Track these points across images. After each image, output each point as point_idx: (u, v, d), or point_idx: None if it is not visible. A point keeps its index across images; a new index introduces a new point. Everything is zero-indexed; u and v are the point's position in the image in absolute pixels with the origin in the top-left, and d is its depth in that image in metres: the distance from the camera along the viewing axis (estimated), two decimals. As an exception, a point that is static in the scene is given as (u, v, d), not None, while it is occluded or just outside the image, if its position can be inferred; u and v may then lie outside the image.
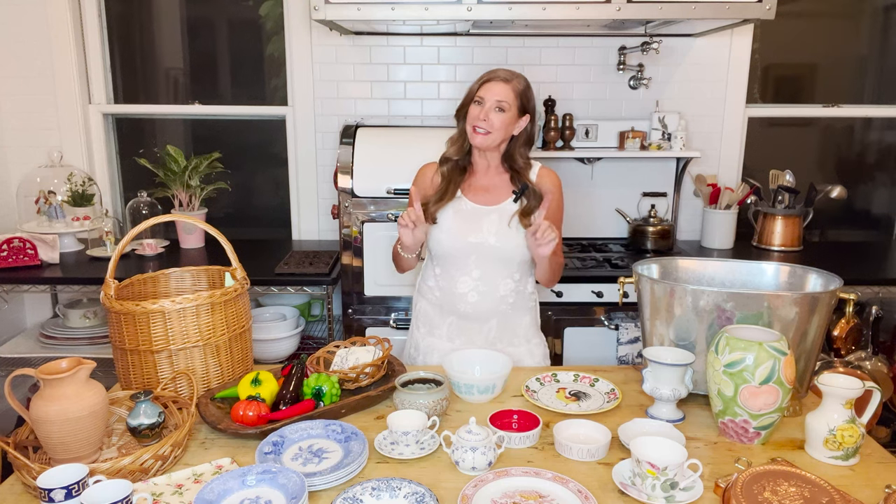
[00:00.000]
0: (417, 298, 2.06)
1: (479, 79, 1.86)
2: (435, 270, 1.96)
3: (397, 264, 2.01)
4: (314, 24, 2.97)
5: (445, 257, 1.91)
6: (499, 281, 1.90)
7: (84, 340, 2.77)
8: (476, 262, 1.88)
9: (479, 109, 1.83)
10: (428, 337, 2.00)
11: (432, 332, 2.00)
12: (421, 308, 2.04)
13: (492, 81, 1.83)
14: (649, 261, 1.76)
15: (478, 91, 1.84)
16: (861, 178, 3.43)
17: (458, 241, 1.87)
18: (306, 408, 1.46)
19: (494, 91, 1.82)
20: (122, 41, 3.25)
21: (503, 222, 1.87)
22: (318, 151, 3.20)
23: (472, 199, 1.91)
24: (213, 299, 1.57)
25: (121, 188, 3.36)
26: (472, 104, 1.85)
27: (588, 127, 3.07)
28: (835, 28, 3.27)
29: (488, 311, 1.91)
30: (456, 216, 1.89)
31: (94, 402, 1.29)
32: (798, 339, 1.49)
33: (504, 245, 1.87)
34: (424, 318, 2.02)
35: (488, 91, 1.82)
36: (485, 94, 1.82)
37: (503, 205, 1.90)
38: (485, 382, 1.58)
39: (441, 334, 1.98)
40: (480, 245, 1.87)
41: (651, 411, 1.53)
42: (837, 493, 1.13)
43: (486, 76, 1.85)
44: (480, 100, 1.83)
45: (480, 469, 1.28)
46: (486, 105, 1.82)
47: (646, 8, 2.42)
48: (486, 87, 1.83)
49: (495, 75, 1.84)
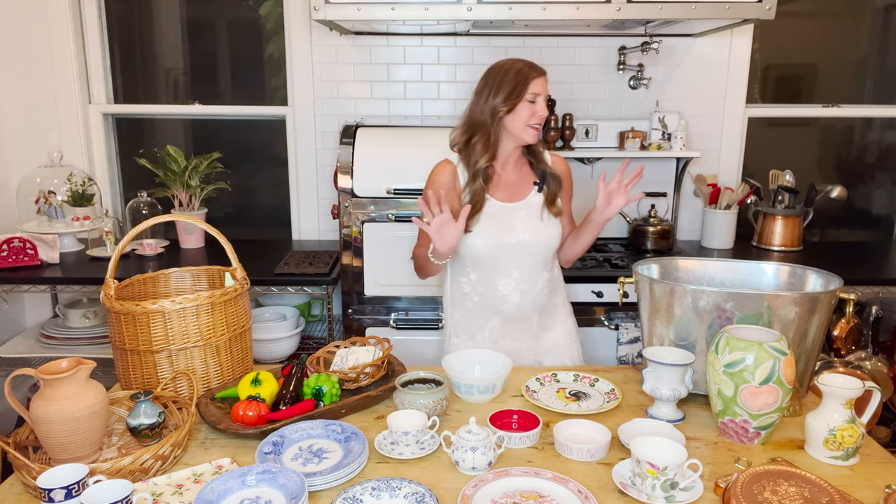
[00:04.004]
0: (451, 308, 2.01)
1: (520, 76, 1.79)
2: (469, 276, 1.93)
3: (423, 271, 1.94)
4: (314, 24, 2.97)
5: (482, 261, 1.89)
6: (536, 276, 1.90)
7: (84, 340, 2.77)
8: (515, 262, 1.88)
9: (531, 107, 1.80)
10: (469, 343, 1.97)
11: (474, 339, 1.97)
12: (458, 317, 1.99)
13: (539, 77, 1.81)
14: (649, 261, 1.76)
15: (528, 89, 1.79)
16: (861, 178, 3.43)
17: (496, 244, 1.85)
18: (306, 408, 1.46)
19: (542, 85, 1.81)
20: (122, 41, 3.25)
21: (533, 217, 1.87)
22: (318, 151, 3.20)
23: (498, 197, 1.88)
24: (213, 299, 1.57)
25: (121, 188, 3.36)
26: (524, 103, 1.79)
27: (588, 127, 3.07)
28: (835, 28, 3.27)
29: (531, 307, 1.92)
30: (487, 219, 1.86)
31: (94, 402, 1.29)
32: (798, 339, 1.49)
33: (540, 240, 1.87)
34: (463, 326, 1.99)
35: (538, 86, 1.80)
36: (538, 90, 1.80)
37: (528, 198, 1.89)
38: (485, 382, 1.58)
39: (484, 339, 1.96)
40: (517, 245, 1.86)
41: (651, 411, 1.53)
42: (837, 493, 1.13)
43: (530, 71, 1.80)
44: (533, 97, 1.80)
45: (480, 469, 1.28)
46: (539, 101, 1.80)
47: (646, 8, 2.42)
48: (536, 83, 1.79)
49: (536, 70, 1.81)
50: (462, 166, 1.90)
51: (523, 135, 1.83)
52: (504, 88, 1.80)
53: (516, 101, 1.79)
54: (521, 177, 1.92)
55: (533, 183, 1.90)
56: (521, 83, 1.79)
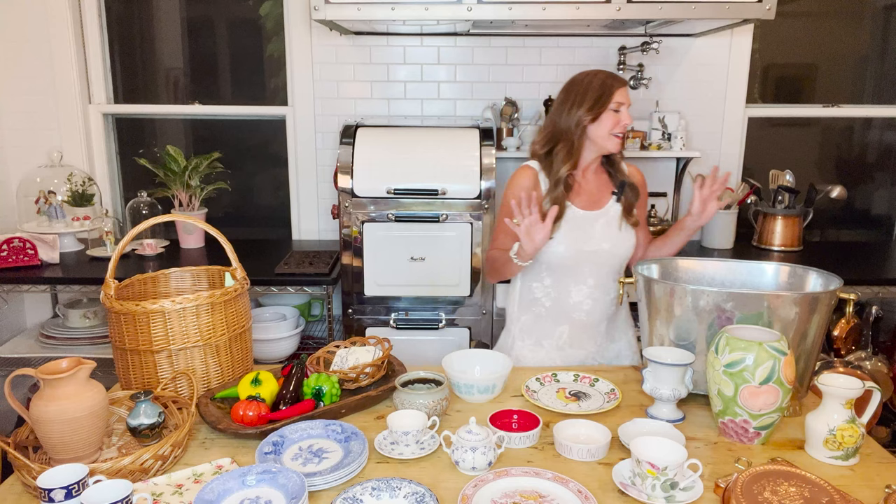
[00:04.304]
0: (518, 312, 2.02)
1: (604, 86, 1.82)
2: (544, 282, 1.94)
3: (499, 273, 1.94)
4: (314, 24, 2.97)
5: (559, 268, 1.90)
6: (610, 285, 1.92)
7: (84, 340, 2.77)
8: (591, 271, 1.89)
9: (615, 117, 1.82)
10: (535, 348, 1.98)
11: (540, 344, 1.98)
12: (525, 321, 2.00)
13: (623, 87, 1.83)
14: (649, 261, 1.76)
15: (613, 98, 1.82)
16: (861, 178, 3.43)
17: (576, 250, 1.87)
18: (306, 408, 1.46)
19: (625, 95, 1.83)
20: (122, 41, 3.25)
21: (611, 226, 1.90)
22: (318, 151, 3.20)
23: (578, 205, 1.90)
24: (213, 299, 1.57)
25: (121, 188, 3.36)
26: (608, 112, 1.82)
27: (588, 127, 3.07)
28: (835, 28, 3.27)
29: (600, 316, 1.94)
30: (567, 225, 1.87)
31: (94, 402, 1.29)
32: (798, 339, 1.49)
33: (617, 250, 1.90)
34: (530, 331, 1.99)
35: (622, 96, 1.83)
36: (622, 100, 1.82)
37: (607, 207, 1.92)
38: (485, 382, 1.58)
39: (551, 346, 1.97)
40: (595, 253, 1.88)
41: (651, 411, 1.53)
42: (837, 493, 1.13)
43: (613, 82, 1.83)
44: (617, 106, 1.82)
45: (480, 469, 1.28)
46: (623, 110, 1.83)
47: (646, 8, 2.42)
48: (620, 93, 1.82)
49: (619, 80, 1.84)
50: (543, 173, 1.91)
51: (606, 143, 1.85)
52: (588, 99, 1.83)
53: (601, 110, 1.82)
54: (600, 185, 1.94)
55: (611, 192, 1.93)
56: (605, 93, 1.82)
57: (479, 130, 2.65)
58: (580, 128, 1.84)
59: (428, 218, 2.57)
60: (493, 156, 2.58)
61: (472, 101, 3.14)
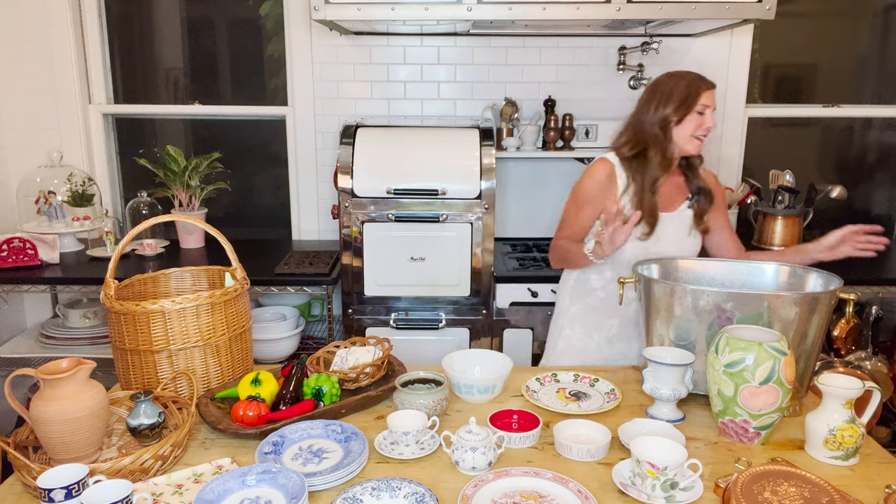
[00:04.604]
0: (570, 301, 2.04)
1: (691, 87, 1.81)
2: (604, 273, 1.95)
3: (567, 262, 1.96)
4: (314, 24, 2.97)
5: (621, 263, 1.91)
6: None
7: (84, 340, 2.77)
8: None
9: (699, 119, 1.82)
10: (585, 338, 2.01)
11: (590, 335, 2.00)
12: (578, 310, 2.02)
13: (709, 90, 1.82)
14: (649, 261, 1.76)
15: (699, 100, 1.81)
16: (861, 178, 3.43)
17: (643, 250, 1.88)
18: (306, 408, 1.46)
19: (711, 97, 1.82)
20: (122, 41, 3.25)
21: (680, 231, 1.91)
22: (318, 151, 3.20)
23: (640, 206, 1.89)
24: (213, 299, 1.57)
25: (121, 188, 3.36)
26: (693, 114, 1.81)
27: (588, 127, 3.07)
28: (835, 28, 3.27)
29: None
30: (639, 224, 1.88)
31: (94, 402, 1.29)
32: (798, 339, 1.49)
33: (682, 254, 1.89)
34: (581, 320, 2.01)
35: (708, 98, 1.82)
36: (708, 102, 1.82)
37: (680, 210, 1.92)
38: (485, 382, 1.58)
39: (600, 337, 1.99)
40: (658, 254, 1.87)
41: (651, 411, 1.53)
42: (837, 493, 1.13)
43: (700, 84, 1.82)
44: (703, 108, 1.81)
45: (480, 469, 1.28)
46: (708, 113, 1.82)
47: (646, 8, 2.42)
48: (707, 96, 1.81)
49: (706, 83, 1.83)
50: (621, 168, 1.90)
51: (687, 145, 1.85)
52: (675, 99, 1.82)
53: (686, 111, 1.81)
54: (675, 188, 1.94)
55: (686, 197, 1.93)
56: (692, 94, 1.81)
57: (479, 130, 2.66)
58: (666, 129, 1.83)
59: (428, 218, 2.57)
60: (493, 156, 2.58)
61: (472, 101, 3.14)
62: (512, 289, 2.67)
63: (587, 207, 1.92)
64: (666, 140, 1.85)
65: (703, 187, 1.93)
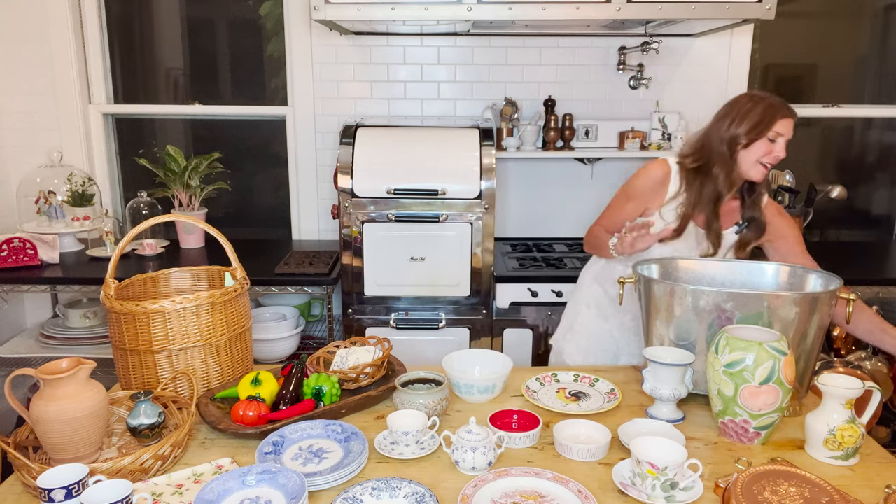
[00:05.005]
0: (592, 282, 2.06)
1: (768, 112, 1.75)
2: (629, 263, 1.93)
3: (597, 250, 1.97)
4: (314, 24, 2.97)
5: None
6: None
7: (84, 340, 2.77)
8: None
9: (769, 146, 1.76)
10: (598, 319, 2.03)
11: (605, 317, 2.02)
12: (595, 292, 2.04)
13: (788, 118, 1.76)
14: (649, 261, 1.76)
15: (773, 127, 1.75)
16: (861, 178, 3.43)
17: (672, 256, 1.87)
18: (306, 408, 1.46)
19: (789, 127, 1.77)
20: (122, 41, 3.25)
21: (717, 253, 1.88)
22: (318, 151, 3.20)
23: (699, 222, 1.88)
24: (213, 299, 1.57)
25: (121, 188, 3.36)
26: (763, 140, 1.76)
27: (588, 127, 3.07)
28: (835, 28, 3.27)
29: None
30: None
31: (94, 402, 1.29)
32: (798, 339, 1.49)
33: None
34: (599, 302, 2.03)
35: (786, 128, 1.76)
36: (783, 131, 1.76)
37: (725, 233, 1.89)
38: (485, 382, 1.58)
39: (615, 323, 2.01)
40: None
41: (651, 411, 1.53)
42: (837, 493, 1.13)
43: (780, 111, 1.76)
44: (776, 136, 1.76)
45: (480, 469, 1.28)
46: (780, 142, 1.77)
47: (646, 8, 2.42)
48: (783, 124, 1.75)
49: (788, 111, 1.77)
50: (677, 174, 1.88)
51: (751, 170, 1.80)
52: (749, 120, 1.77)
53: (758, 136, 1.76)
54: (728, 211, 1.90)
55: (735, 223, 1.90)
56: (767, 119, 1.75)
57: (479, 130, 2.65)
58: (733, 149, 1.79)
59: (428, 218, 2.57)
60: (493, 156, 2.58)
61: (472, 101, 3.14)
62: (512, 289, 2.67)
63: (631, 203, 1.92)
64: (731, 160, 1.80)
65: (756, 218, 1.88)
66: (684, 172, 1.88)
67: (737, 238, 1.90)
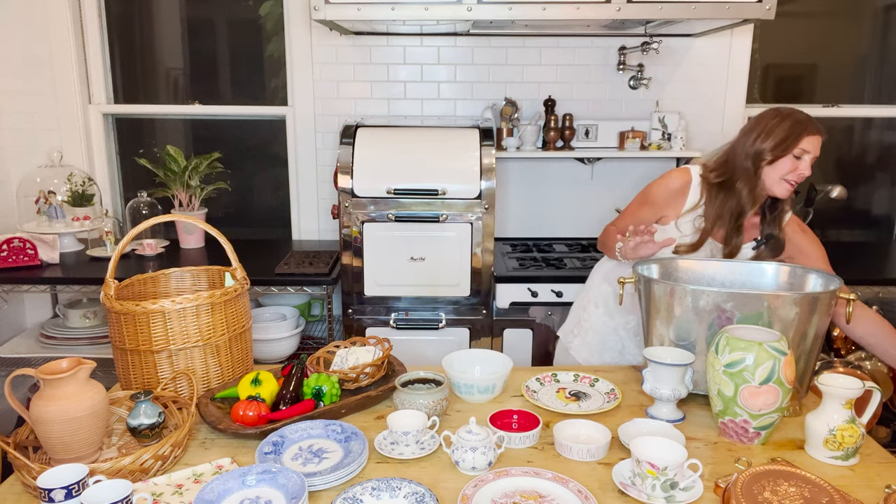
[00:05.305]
0: (601, 282, 2.07)
1: (795, 129, 1.72)
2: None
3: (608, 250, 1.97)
4: (314, 24, 2.97)
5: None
6: None
7: (84, 340, 2.77)
8: None
9: (795, 163, 1.73)
10: (604, 317, 2.04)
11: (611, 315, 2.03)
12: (604, 291, 2.05)
13: (815, 136, 1.73)
14: (649, 261, 1.76)
15: (799, 144, 1.72)
16: (861, 178, 3.43)
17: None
18: (306, 408, 1.46)
19: (815, 144, 1.73)
20: (122, 41, 3.25)
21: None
22: (318, 151, 3.20)
23: (717, 237, 1.86)
24: (213, 299, 1.57)
25: (121, 188, 3.36)
26: (789, 157, 1.73)
27: (588, 127, 3.07)
28: (835, 28, 3.27)
29: None
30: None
31: (94, 402, 1.29)
32: (798, 339, 1.49)
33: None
34: (607, 300, 2.04)
35: (810, 144, 1.72)
36: (809, 148, 1.72)
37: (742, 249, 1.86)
38: (485, 382, 1.58)
39: (620, 323, 2.01)
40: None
41: (651, 411, 1.53)
42: (837, 493, 1.13)
43: (807, 128, 1.72)
44: (802, 154, 1.73)
45: (480, 469, 1.28)
46: (806, 159, 1.74)
47: (646, 8, 2.42)
48: (809, 142, 1.72)
49: (816, 128, 1.74)
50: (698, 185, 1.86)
51: (775, 187, 1.77)
52: (775, 136, 1.73)
53: (783, 152, 1.73)
54: (748, 226, 1.87)
55: (754, 239, 1.89)
56: (793, 136, 1.72)
57: (479, 130, 2.65)
58: (758, 165, 1.76)
59: (428, 218, 2.57)
60: (493, 156, 2.58)
61: (472, 101, 3.14)
62: (512, 289, 2.67)
63: (647, 207, 1.91)
64: (755, 176, 1.77)
65: (776, 236, 1.86)
66: (706, 185, 1.85)
67: (753, 254, 1.88)
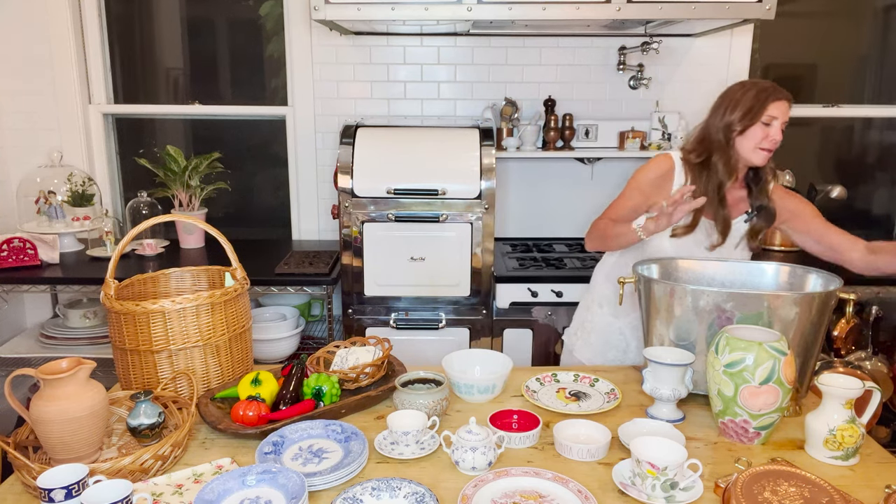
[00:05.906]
0: (604, 282, 2.07)
1: (759, 97, 1.76)
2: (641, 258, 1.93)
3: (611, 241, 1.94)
4: (314, 24, 2.97)
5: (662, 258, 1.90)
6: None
7: (84, 340, 2.77)
8: None
9: (765, 130, 1.76)
10: (608, 317, 2.04)
11: (616, 315, 2.03)
12: (609, 292, 2.05)
13: (781, 101, 1.76)
14: (649, 261, 1.76)
15: (766, 111, 1.75)
16: (861, 178, 3.43)
17: (685, 253, 1.86)
18: (306, 408, 1.46)
19: (783, 110, 1.76)
20: (122, 41, 3.25)
21: (728, 244, 1.88)
22: (318, 151, 3.20)
23: (707, 214, 1.87)
24: (213, 299, 1.57)
25: (121, 188, 3.36)
26: (758, 125, 1.76)
27: (588, 127, 3.07)
28: (835, 28, 3.27)
29: None
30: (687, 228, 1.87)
31: (94, 402, 1.29)
32: (798, 339, 1.49)
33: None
34: (611, 300, 2.04)
35: (777, 110, 1.75)
36: (776, 114, 1.75)
37: (734, 224, 1.88)
38: (485, 382, 1.58)
39: (625, 323, 2.01)
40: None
41: (651, 411, 1.53)
42: (837, 493, 1.13)
43: (771, 94, 1.76)
44: (770, 120, 1.76)
45: (480, 469, 1.28)
46: (776, 125, 1.76)
47: (646, 8, 2.42)
48: (775, 107, 1.75)
49: (780, 94, 1.76)
50: (681, 169, 1.89)
51: (752, 157, 1.80)
52: (741, 106, 1.77)
53: (752, 121, 1.76)
54: (736, 200, 1.90)
55: (745, 212, 1.90)
56: (759, 103, 1.75)
57: (479, 130, 2.65)
58: (731, 138, 1.80)
59: (428, 218, 2.57)
60: (493, 156, 2.58)
61: (472, 101, 3.15)
62: (512, 289, 2.67)
63: (637, 197, 1.91)
64: (728, 147, 1.81)
65: (765, 206, 1.88)
66: (689, 167, 1.88)
67: (747, 227, 1.90)
